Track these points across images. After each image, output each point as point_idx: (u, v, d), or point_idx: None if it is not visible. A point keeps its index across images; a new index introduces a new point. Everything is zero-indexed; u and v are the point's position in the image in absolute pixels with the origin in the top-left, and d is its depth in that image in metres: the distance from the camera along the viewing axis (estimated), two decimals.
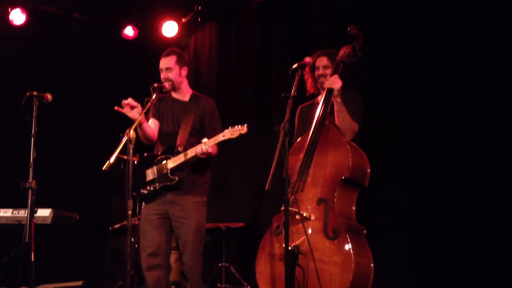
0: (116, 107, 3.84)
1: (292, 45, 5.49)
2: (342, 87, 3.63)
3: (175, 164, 3.92)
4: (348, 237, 3.24)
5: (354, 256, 3.18)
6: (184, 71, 4.17)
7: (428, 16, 4.31)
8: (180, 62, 4.13)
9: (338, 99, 3.61)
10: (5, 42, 5.95)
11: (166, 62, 4.10)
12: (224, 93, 6.18)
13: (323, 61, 3.88)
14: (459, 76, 4.12)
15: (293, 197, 3.36)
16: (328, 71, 3.83)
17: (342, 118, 3.61)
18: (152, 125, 4.12)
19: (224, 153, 4.39)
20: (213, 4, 6.18)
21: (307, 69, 3.89)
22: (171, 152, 3.98)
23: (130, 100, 3.85)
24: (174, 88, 4.12)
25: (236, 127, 3.71)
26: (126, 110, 3.86)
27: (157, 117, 4.17)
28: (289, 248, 3.17)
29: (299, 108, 4.05)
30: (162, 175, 3.97)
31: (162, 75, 4.11)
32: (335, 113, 3.63)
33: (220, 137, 3.77)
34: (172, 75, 4.09)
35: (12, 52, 5.99)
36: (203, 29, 6.59)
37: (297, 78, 3.49)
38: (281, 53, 5.59)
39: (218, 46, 6.40)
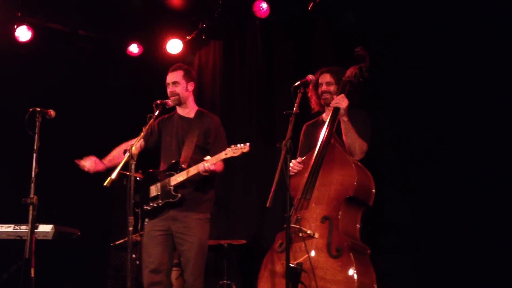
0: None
1: (295, 63, 5.51)
2: (350, 107, 3.63)
3: (178, 181, 3.92)
4: (352, 256, 3.22)
5: (358, 276, 3.16)
6: (191, 86, 4.19)
7: (433, 35, 4.34)
8: (187, 77, 4.16)
9: (345, 118, 3.62)
10: (10, 58, 5.99)
11: (173, 76, 4.12)
12: (228, 110, 6.19)
13: (326, 77, 3.90)
14: (466, 94, 4.13)
15: (296, 215, 3.35)
16: (331, 88, 3.84)
17: (350, 137, 3.61)
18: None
19: (227, 169, 4.37)
20: (217, 22, 6.22)
21: (310, 86, 3.91)
22: (175, 169, 3.98)
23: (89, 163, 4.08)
24: (180, 102, 4.14)
25: (238, 145, 3.72)
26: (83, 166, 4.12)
27: (145, 137, 4.12)
28: (292, 265, 3.15)
29: (304, 125, 4.06)
30: (165, 192, 3.96)
31: (169, 89, 4.12)
32: (343, 132, 3.64)
33: (222, 155, 3.78)
34: (179, 89, 4.11)
35: (18, 68, 6.03)
36: (207, 47, 6.62)
37: (299, 95, 3.50)
38: (285, 70, 5.61)
39: (222, 64, 6.43)
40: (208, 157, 3.82)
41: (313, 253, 3.31)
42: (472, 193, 4.02)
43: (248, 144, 3.71)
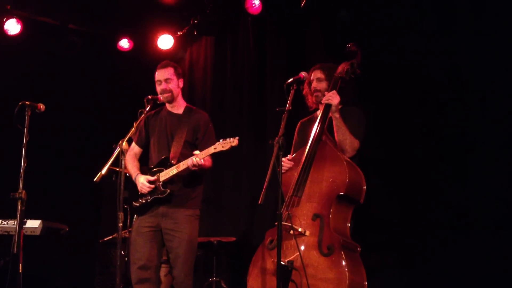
0: None
1: (288, 60, 5.49)
2: (345, 104, 3.62)
3: (167, 177, 3.91)
4: (342, 254, 3.21)
5: (348, 274, 3.16)
6: (181, 83, 4.18)
7: (424, 34, 4.34)
8: (178, 73, 4.15)
9: (337, 115, 3.59)
10: None
11: (165, 73, 4.09)
12: (219, 106, 6.17)
13: (317, 74, 3.88)
14: (457, 92, 4.14)
15: (287, 212, 3.34)
16: (322, 84, 3.82)
17: (342, 134, 3.59)
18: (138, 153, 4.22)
19: (217, 166, 4.36)
20: (209, 18, 6.19)
21: (305, 85, 3.89)
22: (164, 164, 3.97)
23: None
24: (173, 99, 4.12)
25: (227, 139, 3.72)
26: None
27: (140, 143, 4.20)
28: (283, 263, 3.14)
29: (299, 123, 4.04)
30: (154, 188, 3.94)
31: (161, 87, 4.08)
32: (334, 128, 3.62)
33: (211, 150, 3.77)
34: (171, 86, 4.09)
35: (6, 61, 5.97)
36: (198, 43, 6.59)
37: (292, 92, 3.49)
38: (277, 67, 5.59)
39: (213, 60, 6.40)
40: (197, 152, 3.81)
41: (303, 251, 3.30)
42: (460, 191, 4.04)
43: (237, 137, 3.70)
